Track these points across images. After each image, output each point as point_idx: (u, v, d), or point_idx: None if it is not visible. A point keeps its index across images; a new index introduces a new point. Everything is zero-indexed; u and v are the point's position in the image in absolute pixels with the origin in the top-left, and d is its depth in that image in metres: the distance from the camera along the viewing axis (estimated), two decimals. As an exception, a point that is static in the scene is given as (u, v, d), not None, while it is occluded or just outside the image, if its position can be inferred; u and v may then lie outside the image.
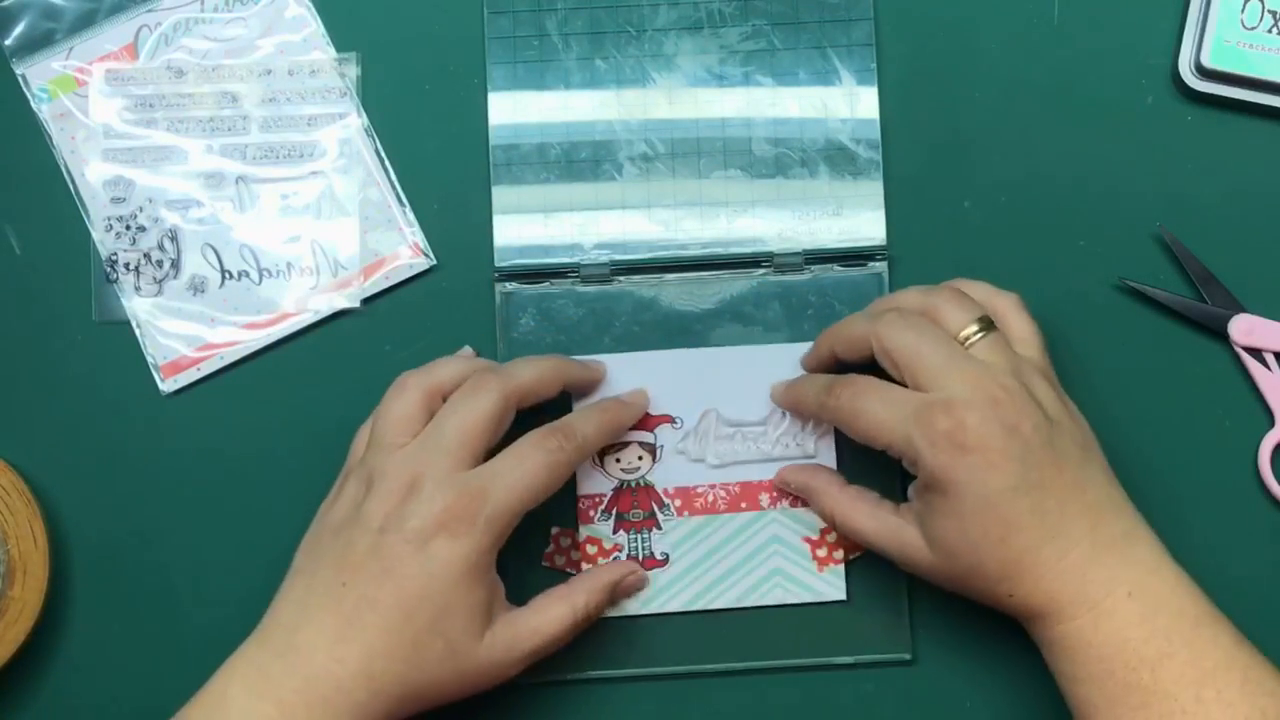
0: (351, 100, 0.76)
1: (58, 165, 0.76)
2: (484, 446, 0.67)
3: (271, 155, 0.75)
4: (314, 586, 0.65)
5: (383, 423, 0.68)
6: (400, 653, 0.64)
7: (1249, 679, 0.63)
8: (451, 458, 0.66)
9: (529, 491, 0.66)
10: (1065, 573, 0.64)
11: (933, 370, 0.65)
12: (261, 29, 0.76)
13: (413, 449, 0.66)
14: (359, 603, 0.64)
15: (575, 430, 0.69)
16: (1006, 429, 0.64)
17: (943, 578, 0.67)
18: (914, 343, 0.66)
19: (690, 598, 0.73)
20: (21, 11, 0.76)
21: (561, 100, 0.76)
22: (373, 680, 0.64)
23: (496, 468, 0.66)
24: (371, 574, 0.64)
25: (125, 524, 0.74)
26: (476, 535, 0.65)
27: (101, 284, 0.75)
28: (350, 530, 0.65)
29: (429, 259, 0.75)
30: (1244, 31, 0.74)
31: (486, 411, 0.67)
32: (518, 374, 0.69)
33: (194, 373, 0.75)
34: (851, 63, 0.76)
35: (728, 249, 0.75)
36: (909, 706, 0.74)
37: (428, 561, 0.64)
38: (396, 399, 0.68)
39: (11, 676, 0.73)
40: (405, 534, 0.64)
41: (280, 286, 0.75)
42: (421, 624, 0.64)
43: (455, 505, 0.64)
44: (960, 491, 0.64)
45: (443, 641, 0.65)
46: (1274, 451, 0.74)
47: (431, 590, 0.64)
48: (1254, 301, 0.74)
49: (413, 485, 0.65)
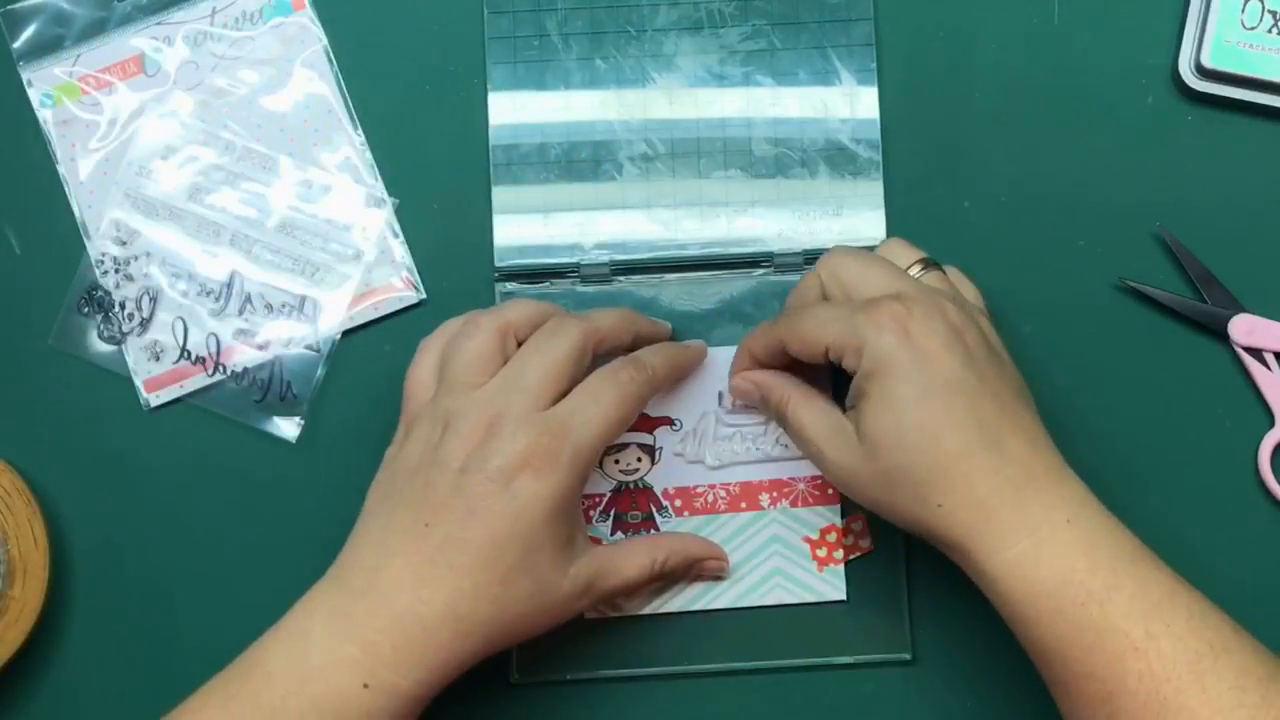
0: (352, 142, 0.76)
1: (56, 171, 0.76)
2: (564, 387, 0.66)
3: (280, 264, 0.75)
4: (392, 527, 0.64)
5: (456, 361, 0.67)
6: (488, 592, 0.63)
7: (1193, 612, 0.61)
8: (532, 397, 0.65)
9: (608, 425, 0.66)
10: (1001, 488, 0.62)
11: (880, 284, 0.66)
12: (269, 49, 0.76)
13: (492, 388, 0.66)
14: (444, 543, 0.63)
15: (645, 362, 0.69)
16: (951, 329, 0.63)
17: (871, 483, 0.64)
18: (862, 268, 0.67)
19: (690, 598, 0.73)
20: (32, 15, 0.76)
21: (561, 100, 0.76)
22: (459, 621, 0.63)
23: (574, 404, 0.66)
24: (456, 514, 0.63)
25: (125, 524, 0.74)
26: (561, 472, 0.64)
27: (71, 310, 0.75)
28: (428, 471, 0.64)
29: (419, 293, 0.75)
30: (1244, 31, 0.74)
31: (567, 352, 0.66)
32: (595, 318, 0.69)
33: (176, 389, 0.75)
34: (851, 63, 0.76)
35: (728, 249, 0.75)
36: (909, 706, 0.74)
37: (513, 500, 0.63)
38: (470, 339, 0.67)
39: (11, 676, 0.73)
40: (489, 473, 0.63)
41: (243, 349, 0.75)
42: (510, 563, 0.63)
43: (539, 443, 0.64)
44: (899, 377, 0.62)
45: (530, 579, 0.64)
46: (1274, 451, 0.74)
47: (519, 529, 0.63)
48: (1254, 301, 0.74)
49: (494, 424, 0.64)
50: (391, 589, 0.63)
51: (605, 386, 0.67)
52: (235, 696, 0.63)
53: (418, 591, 0.63)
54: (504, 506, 0.63)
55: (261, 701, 0.62)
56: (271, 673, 0.63)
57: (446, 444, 0.65)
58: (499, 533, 0.63)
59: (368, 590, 0.63)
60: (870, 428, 0.64)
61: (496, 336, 0.67)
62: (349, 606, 0.63)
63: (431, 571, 0.63)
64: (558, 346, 0.67)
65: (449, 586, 0.63)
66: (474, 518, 0.63)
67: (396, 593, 0.63)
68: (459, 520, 0.63)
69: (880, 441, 0.63)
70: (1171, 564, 0.72)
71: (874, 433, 0.64)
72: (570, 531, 0.66)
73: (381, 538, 0.65)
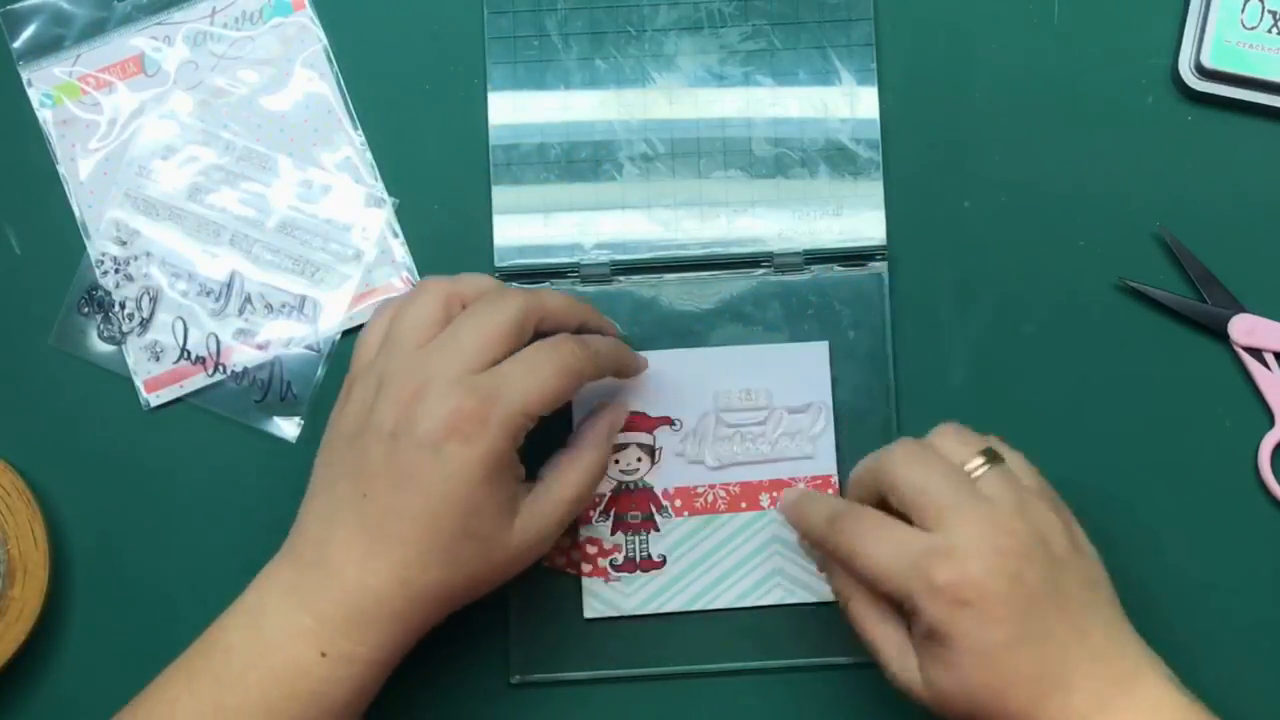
0: (356, 155, 0.76)
1: (56, 171, 0.76)
2: (499, 355, 0.65)
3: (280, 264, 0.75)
4: (335, 499, 0.64)
5: (399, 324, 0.66)
6: (434, 559, 0.63)
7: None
8: (464, 360, 0.64)
9: (541, 394, 0.64)
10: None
11: (939, 510, 0.62)
12: (269, 49, 0.76)
13: (426, 351, 0.65)
14: (383, 514, 0.63)
15: (589, 343, 0.68)
16: (1010, 578, 0.61)
17: (936, 711, 0.64)
18: (921, 478, 0.64)
19: (690, 598, 0.73)
20: (32, 15, 0.76)
21: (561, 100, 0.76)
22: (408, 587, 0.63)
23: (507, 370, 0.64)
24: (391, 483, 0.63)
25: (125, 524, 0.74)
26: (489, 438, 0.63)
27: (71, 310, 0.75)
28: (364, 437, 0.64)
29: None
30: (1244, 31, 0.74)
31: (505, 322, 0.65)
32: (541, 295, 0.68)
33: (176, 389, 0.75)
34: (851, 63, 0.76)
35: (728, 249, 0.75)
36: (909, 706, 0.73)
37: (442, 466, 0.62)
38: (415, 302, 0.66)
39: (11, 676, 0.73)
40: (417, 439, 0.63)
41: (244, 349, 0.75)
42: (451, 529, 0.63)
43: (465, 407, 0.63)
44: (959, 645, 0.61)
45: (475, 542, 0.64)
46: (1274, 451, 0.74)
47: (453, 495, 0.63)
48: (1254, 301, 0.74)
49: (423, 387, 0.63)
50: (339, 562, 0.63)
51: (544, 357, 0.65)
52: (198, 673, 0.64)
53: (365, 563, 0.63)
54: (435, 474, 0.63)
55: (222, 676, 0.63)
56: (231, 647, 0.64)
57: (379, 407, 0.64)
58: (434, 500, 0.63)
59: (317, 563, 0.64)
60: (934, 681, 0.63)
61: (442, 302, 0.66)
62: (300, 579, 0.64)
63: (375, 543, 0.63)
64: (497, 313, 0.65)
65: (394, 557, 0.63)
66: (408, 487, 0.63)
67: (344, 565, 0.63)
68: (394, 490, 0.63)
69: (944, 695, 0.63)
70: (1171, 564, 0.72)
71: (938, 685, 0.63)
72: (510, 488, 0.65)
73: (326, 510, 0.65)
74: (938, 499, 0.63)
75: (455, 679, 0.72)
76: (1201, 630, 0.72)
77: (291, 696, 0.63)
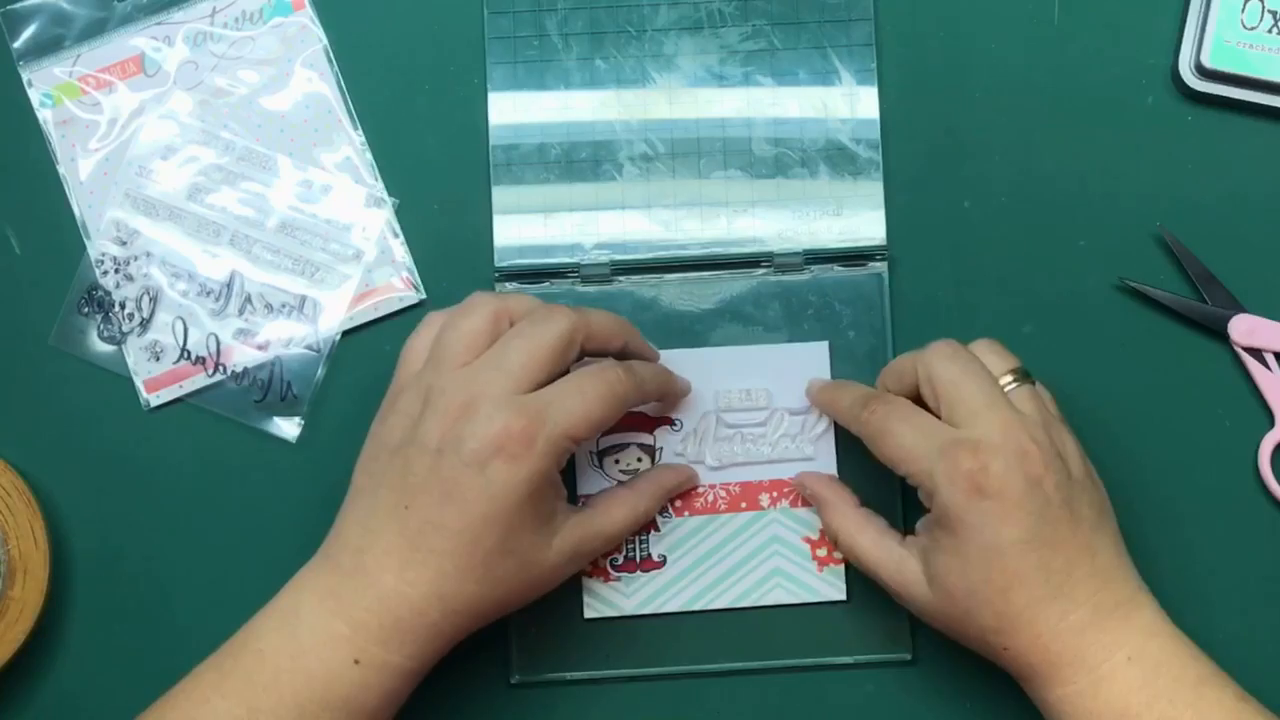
0: (357, 157, 0.76)
1: (56, 171, 0.76)
2: (546, 374, 0.65)
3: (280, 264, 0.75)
4: (376, 508, 0.65)
5: (447, 338, 0.66)
6: (472, 574, 0.64)
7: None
8: (512, 380, 0.64)
9: (587, 418, 0.65)
10: (1064, 634, 0.63)
11: (970, 408, 0.65)
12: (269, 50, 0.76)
13: (474, 368, 0.65)
14: (424, 527, 0.63)
15: (634, 369, 0.69)
16: (1029, 481, 0.63)
17: (938, 618, 0.67)
18: (958, 376, 0.66)
19: (690, 598, 0.73)
20: (32, 15, 0.76)
21: (561, 100, 0.76)
22: (445, 601, 0.64)
23: (555, 392, 0.65)
24: (434, 498, 0.63)
25: (125, 524, 0.74)
26: (535, 459, 0.63)
27: (71, 310, 0.75)
28: (408, 450, 0.64)
29: (419, 293, 0.75)
30: (1244, 31, 0.74)
31: (553, 340, 0.65)
32: (588, 314, 0.68)
33: (176, 389, 0.75)
34: (851, 63, 0.76)
35: (728, 249, 0.75)
36: (909, 706, 0.74)
37: (488, 485, 0.63)
38: (466, 317, 0.67)
39: (11, 676, 0.73)
40: (463, 456, 0.63)
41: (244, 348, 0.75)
42: (490, 545, 0.63)
43: (512, 427, 0.63)
44: (970, 535, 0.63)
45: (513, 559, 0.64)
46: (1274, 451, 0.74)
47: (495, 513, 0.63)
48: (1254, 301, 0.74)
49: (470, 404, 0.64)
50: (377, 570, 0.64)
51: (592, 381, 0.66)
52: (229, 674, 0.64)
53: (403, 574, 0.63)
54: (479, 492, 0.63)
55: (254, 678, 0.63)
56: (263, 650, 0.64)
57: (425, 421, 0.64)
58: (475, 517, 0.63)
59: (355, 570, 0.64)
60: (939, 574, 0.65)
61: (491, 318, 0.66)
62: (337, 585, 0.64)
63: (414, 554, 0.63)
64: (545, 333, 0.66)
65: (432, 569, 0.63)
66: (450, 502, 0.63)
67: (381, 574, 0.63)
68: (436, 505, 0.63)
69: (949, 589, 0.65)
70: (1171, 564, 0.72)
71: (943, 579, 0.65)
72: (550, 507, 0.66)
73: (366, 518, 0.65)
74: (971, 398, 0.65)
75: (455, 679, 0.72)
76: (1201, 630, 0.72)
77: (323, 701, 0.63)
